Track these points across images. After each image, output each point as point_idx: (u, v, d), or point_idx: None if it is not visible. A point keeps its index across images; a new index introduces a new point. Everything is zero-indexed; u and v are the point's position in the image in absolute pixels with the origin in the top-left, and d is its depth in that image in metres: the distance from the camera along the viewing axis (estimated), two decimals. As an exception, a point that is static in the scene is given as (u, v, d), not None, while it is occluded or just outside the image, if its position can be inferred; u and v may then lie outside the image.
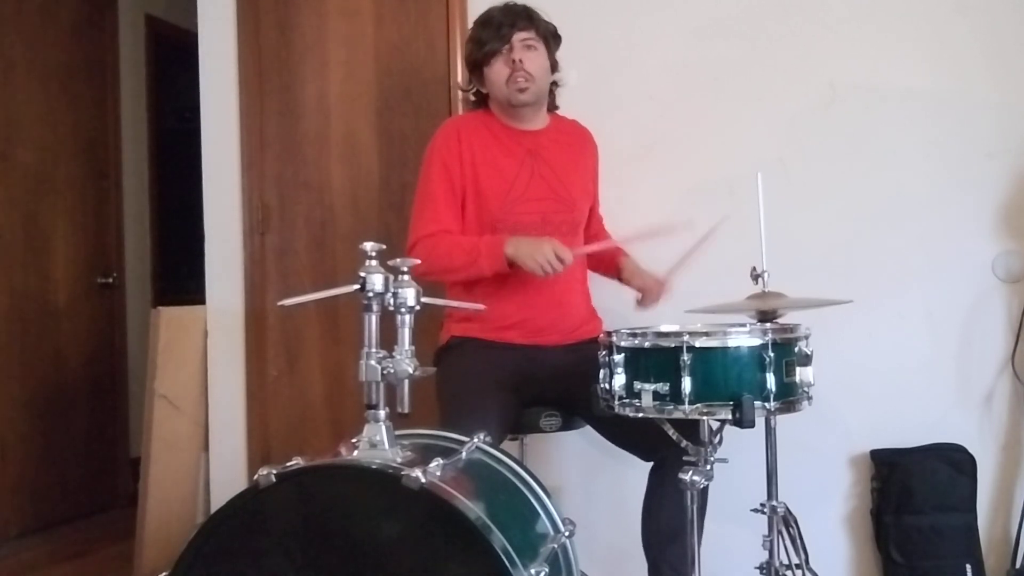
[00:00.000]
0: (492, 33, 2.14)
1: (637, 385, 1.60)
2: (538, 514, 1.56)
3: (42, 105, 3.82)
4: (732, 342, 1.59)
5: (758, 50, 2.63)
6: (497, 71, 2.15)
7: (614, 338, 1.65)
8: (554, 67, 2.24)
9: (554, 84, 2.28)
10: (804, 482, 2.25)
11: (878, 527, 2.49)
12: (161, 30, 4.66)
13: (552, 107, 2.32)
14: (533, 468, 1.67)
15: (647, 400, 1.58)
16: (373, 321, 1.44)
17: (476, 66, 2.21)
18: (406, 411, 1.44)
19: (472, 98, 2.31)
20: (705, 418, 1.61)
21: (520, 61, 2.13)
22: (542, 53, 2.18)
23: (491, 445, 1.65)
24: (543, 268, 1.99)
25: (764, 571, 1.94)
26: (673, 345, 1.58)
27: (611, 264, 2.33)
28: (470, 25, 2.40)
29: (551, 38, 2.22)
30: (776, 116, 2.61)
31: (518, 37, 2.14)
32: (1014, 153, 2.47)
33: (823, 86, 2.59)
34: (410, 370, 1.43)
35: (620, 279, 2.32)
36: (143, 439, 3.08)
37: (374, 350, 1.44)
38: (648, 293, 2.21)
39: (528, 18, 2.17)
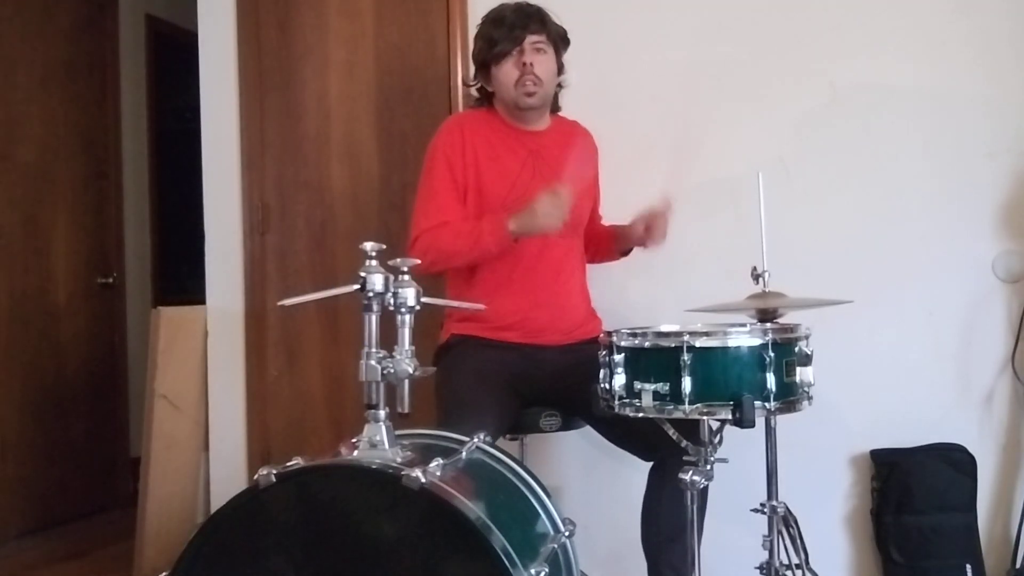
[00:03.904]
0: (504, 33, 2.13)
1: (637, 385, 1.60)
2: (538, 514, 1.56)
3: (42, 105, 3.82)
4: (732, 342, 1.59)
5: (758, 50, 2.63)
6: (506, 72, 2.15)
7: (614, 338, 1.65)
8: (560, 70, 2.25)
9: (558, 86, 2.28)
10: (804, 482, 2.25)
11: (878, 527, 2.49)
12: (161, 30, 4.66)
13: (555, 108, 2.32)
14: (533, 468, 1.67)
15: (647, 400, 1.58)
16: (373, 321, 1.44)
17: (484, 65, 2.20)
18: (406, 411, 1.44)
19: (475, 94, 2.31)
20: (705, 418, 1.61)
21: (530, 64, 2.13)
22: (551, 57, 2.18)
23: (491, 445, 1.65)
24: (554, 220, 1.95)
25: (764, 571, 1.95)
26: (673, 345, 1.57)
27: (608, 245, 2.32)
28: (470, 25, 2.41)
29: (560, 41, 2.21)
30: (776, 116, 2.61)
31: (530, 40, 2.13)
32: (1014, 153, 2.47)
33: (823, 86, 2.59)
34: (410, 370, 1.43)
35: (622, 249, 2.30)
36: (143, 439, 3.08)
37: (374, 350, 1.44)
38: (655, 220, 2.15)
39: (541, 21, 2.16)
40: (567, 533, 1.57)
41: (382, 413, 1.44)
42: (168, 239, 4.70)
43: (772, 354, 1.57)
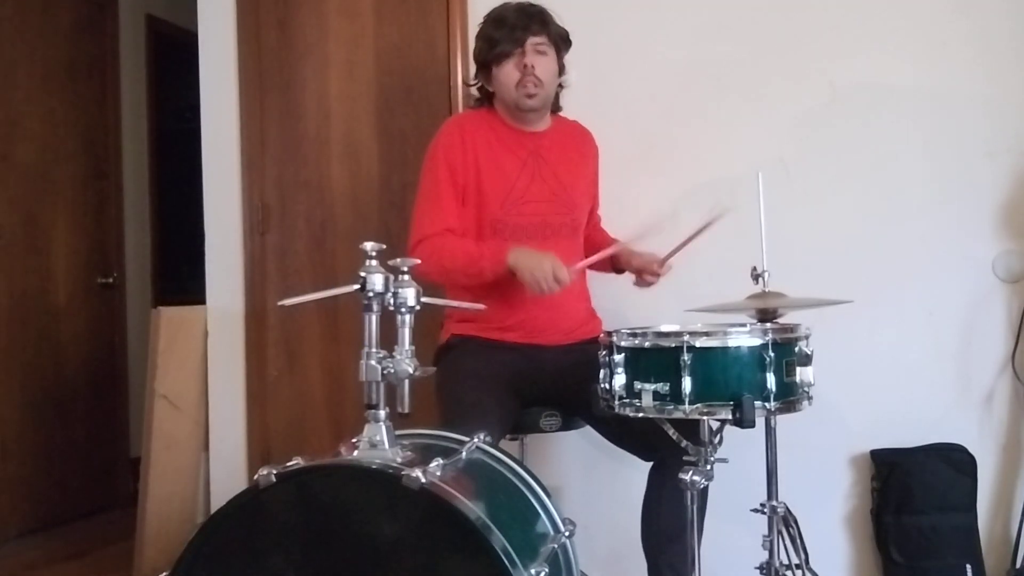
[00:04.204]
0: (506, 34, 2.12)
1: (637, 385, 1.60)
2: (538, 514, 1.56)
3: (42, 105, 3.82)
4: (732, 342, 1.59)
5: (758, 50, 2.63)
6: (507, 73, 2.15)
7: (614, 338, 1.65)
8: (561, 71, 2.24)
9: (559, 86, 2.28)
10: (804, 482, 2.25)
11: (878, 527, 2.49)
12: (161, 30, 4.66)
13: (555, 109, 2.32)
14: (533, 468, 1.67)
15: (647, 400, 1.58)
16: (373, 321, 1.44)
17: (485, 65, 2.19)
18: (406, 411, 1.44)
19: (476, 94, 2.30)
20: (705, 418, 1.61)
21: (532, 66, 2.12)
22: (552, 58, 2.18)
23: (491, 445, 1.65)
24: (539, 285, 1.96)
25: (764, 571, 1.94)
26: (673, 345, 1.57)
27: (604, 261, 2.33)
28: (470, 25, 2.41)
29: (562, 42, 2.21)
30: (776, 116, 2.61)
31: (531, 41, 2.13)
32: (1014, 152, 2.47)
33: (823, 86, 2.59)
34: (410, 370, 1.43)
35: (616, 268, 2.30)
36: (143, 439, 3.08)
37: (374, 350, 1.44)
38: (647, 270, 2.17)
39: (543, 22, 2.15)
40: (567, 533, 1.56)
41: (382, 413, 1.44)
42: (168, 239, 4.70)
43: (772, 354, 1.57)
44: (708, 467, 1.65)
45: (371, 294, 1.43)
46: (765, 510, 1.93)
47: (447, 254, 2.09)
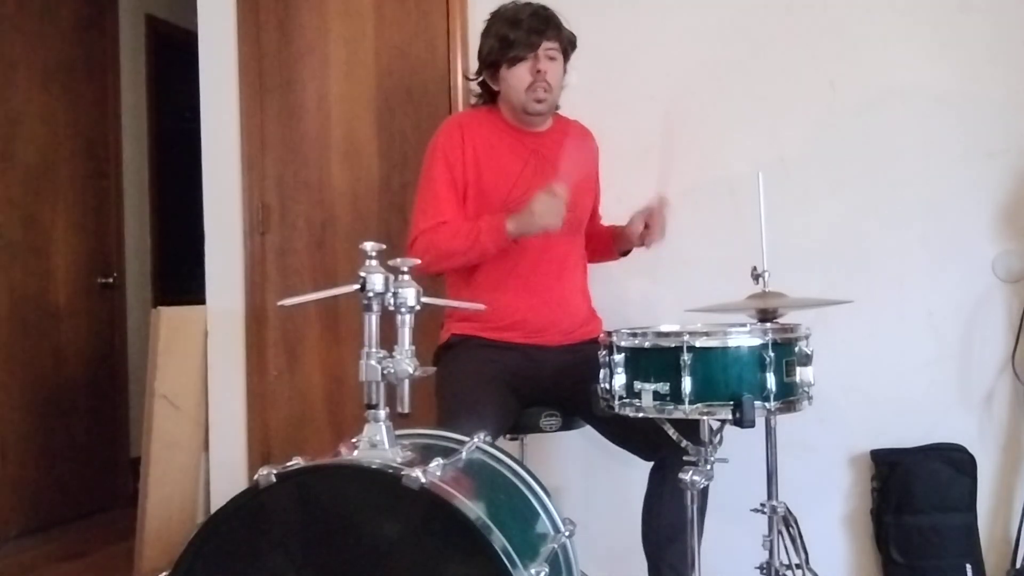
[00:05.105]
0: (521, 37, 2.11)
1: (637, 385, 1.60)
2: (538, 514, 1.56)
3: (42, 105, 3.82)
4: (732, 342, 1.59)
5: (758, 50, 2.63)
6: (518, 76, 2.14)
7: (614, 338, 1.65)
8: (565, 73, 2.24)
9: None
10: (804, 482, 2.25)
11: (878, 527, 2.49)
12: (161, 30, 4.66)
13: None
14: (533, 468, 1.67)
15: (647, 400, 1.58)
16: (373, 321, 1.44)
17: (493, 64, 2.19)
18: (406, 411, 1.44)
19: (477, 88, 2.30)
20: (705, 418, 1.61)
21: (544, 72, 2.12)
22: (560, 64, 2.18)
23: (491, 444, 1.65)
24: (553, 219, 1.96)
25: (764, 571, 1.95)
26: (673, 345, 1.58)
27: (607, 245, 2.33)
28: (471, 25, 2.40)
29: (569, 47, 2.22)
30: (776, 116, 2.61)
31: (545, 47, 2.13)
32: (1014, 152, 2.48)
33: (823, 86, 2.59)
34: (410, 370, 1.43)
35: (622, 249, 2.29)
36: (143, 439, 3.08)
37: (374, 350, 1.44)
38: (650, 218, 2.15)
39: (557, 27, 2.15)
40: (567, 533, 1.56)
41: (382, 413, 1.44)
42: (168, 239, 4.70)
43: (772, 354, 1.57)
44: (708, 467, 1.65)
45: (371, 294, 1.43)
46: (765, 510, 1.93)
47: (445, 239, 2.09)
